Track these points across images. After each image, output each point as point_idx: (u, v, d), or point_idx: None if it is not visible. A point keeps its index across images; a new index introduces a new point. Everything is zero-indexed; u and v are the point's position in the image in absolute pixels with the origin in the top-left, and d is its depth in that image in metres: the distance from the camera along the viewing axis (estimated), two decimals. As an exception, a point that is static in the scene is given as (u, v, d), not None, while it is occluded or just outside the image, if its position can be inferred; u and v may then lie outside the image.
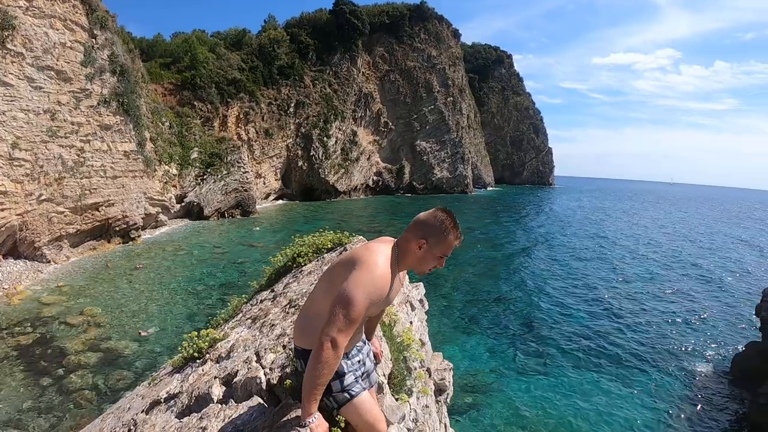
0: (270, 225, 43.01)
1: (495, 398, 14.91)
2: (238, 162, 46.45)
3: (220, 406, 2.69)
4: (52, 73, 24.36)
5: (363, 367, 2.38)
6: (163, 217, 36.52)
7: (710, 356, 19.19)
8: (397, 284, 2.25)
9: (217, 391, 2.92)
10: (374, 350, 2.68)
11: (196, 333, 4.12)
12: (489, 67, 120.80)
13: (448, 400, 5.37)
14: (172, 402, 3.15)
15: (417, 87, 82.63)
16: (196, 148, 43.06)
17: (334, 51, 70.31)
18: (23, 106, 22.43)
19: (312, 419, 2.05)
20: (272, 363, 2.91)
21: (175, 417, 2.88)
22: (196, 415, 2.71)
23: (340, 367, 2.17)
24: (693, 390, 16.44)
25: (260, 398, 2.61)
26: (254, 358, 3.08)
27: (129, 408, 3.83)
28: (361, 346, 2.42)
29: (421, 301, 5.72)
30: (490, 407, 14.34)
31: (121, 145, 29.95)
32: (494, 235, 45.21)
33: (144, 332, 16.98)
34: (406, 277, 5.32)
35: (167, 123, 40.93)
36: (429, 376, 4.61)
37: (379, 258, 2.12)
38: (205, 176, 42.60)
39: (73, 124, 25.70)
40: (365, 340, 2.53)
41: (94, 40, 28.19)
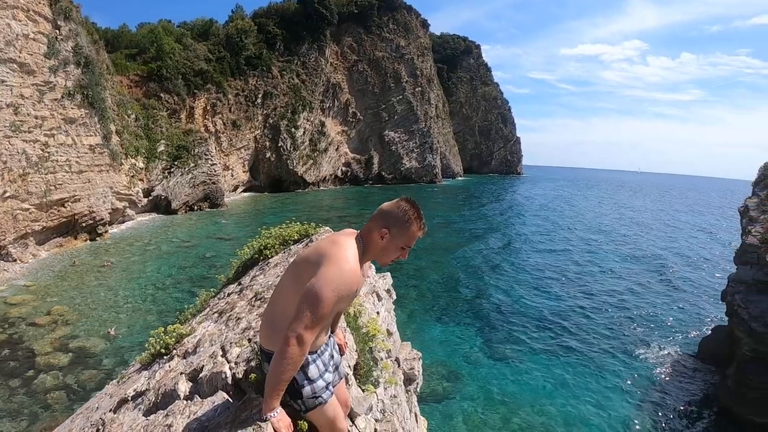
0: (239, 217, 43.28)
1: (465, 385, 15.21)
2: (206, 154, 46.39)
3: (186, 402, 2.68)
4: (15, 65, 23.92)
5: (332, 360, 2.39)
6: (130, 212, 36.47)
7: (677, 339, 19.65)
8: (363, 276, 2.25)
9: (184, 387, 2.91)
10: (338, 341, 2.66)
11: (163, 329, 4.10)
12: (457, 58, 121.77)
13: (418, 389, 5.44)
14: (140, 400, 3.15)
15: (385, 77, 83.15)
16: (162, 141, 42.75)
17: (302, 41, 70.07)
18: (-15, 102, 22.15)
19: (273, 413, 2.04)
20: (238, 357, 2.91)
21: (143, 415, 2.88)
22: (162, 412, 2.71)
23: (311, 371, 2.17)
24: (661, 372, 16.94)
25: (226, 393, 2.62)
26: (220, 352, 3.07)
27: (98, 407, 3.82)
28: (327, 340, 2.40)
29: (388, 291, 5.67)
30: (460, 394, 14.61)
31: (86, 139, 29.71)
32: (463, 224, 46.63)
33: (113, 331, 16.98)
34: (372, 267, 5.44)
35: (133, 115, 40.50)
36: (398, 365, 4.61)
37: (348, 253, 2.09)
38: (172, 169, 42.42)
39: (36, 118, 25.35)
40: (329, 333, 2.51)
41: (57, 32, 27.70)
